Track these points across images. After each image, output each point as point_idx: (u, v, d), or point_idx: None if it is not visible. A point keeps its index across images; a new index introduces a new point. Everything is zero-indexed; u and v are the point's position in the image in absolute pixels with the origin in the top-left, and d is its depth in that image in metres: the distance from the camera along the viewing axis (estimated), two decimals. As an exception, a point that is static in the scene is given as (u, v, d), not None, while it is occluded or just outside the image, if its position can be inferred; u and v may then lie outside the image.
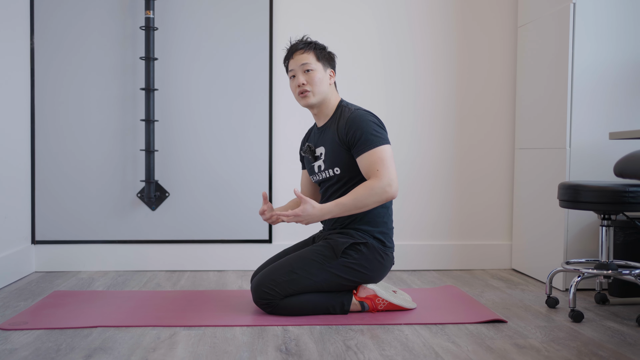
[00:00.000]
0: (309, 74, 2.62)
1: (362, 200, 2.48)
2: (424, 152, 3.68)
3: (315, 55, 2.64)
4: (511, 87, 3.71)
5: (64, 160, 3.53)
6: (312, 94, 2.63)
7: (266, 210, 2.62)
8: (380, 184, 2.47)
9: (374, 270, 2.60)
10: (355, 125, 2.54)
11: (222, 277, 3.40)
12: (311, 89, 2.62)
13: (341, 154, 2.60)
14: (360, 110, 2.60)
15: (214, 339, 2.26)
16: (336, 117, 2.65)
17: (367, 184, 2.49)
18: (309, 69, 2.62)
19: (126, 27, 3.54)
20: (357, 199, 2.48)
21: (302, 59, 2.63)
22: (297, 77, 2.64)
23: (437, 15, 3.67)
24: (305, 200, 2.48)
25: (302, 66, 2.62)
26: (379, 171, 2.48)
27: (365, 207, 2.50)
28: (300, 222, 2.50)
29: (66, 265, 3.54)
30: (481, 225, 3.73)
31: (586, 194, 2.55)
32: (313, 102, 2.65)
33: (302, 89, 2.63)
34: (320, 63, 2.64)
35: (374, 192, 2.47)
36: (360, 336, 2.29)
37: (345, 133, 2.57)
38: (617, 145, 3.06)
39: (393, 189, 2.49)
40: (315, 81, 2.62)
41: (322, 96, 2.65)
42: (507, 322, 2.49)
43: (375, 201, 2.49)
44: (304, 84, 2.62)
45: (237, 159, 3.60)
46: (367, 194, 2.47)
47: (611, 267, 2.61)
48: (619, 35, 3.08)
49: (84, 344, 2.18)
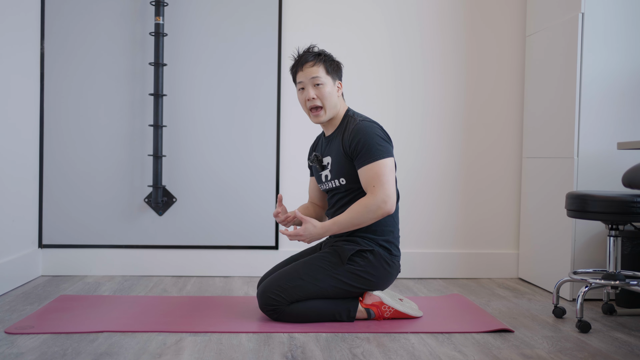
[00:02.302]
0: (319, 88, 2.62)
1: (358, 218, 2.51)
2: (432, 159, 3.68)
3: (325, 68, 2.63)
4: (519, 96, 3.71)
5: (72, 164, 3.55)
6: (324, 112, 2.63)
7: (280, 213, 2.65)
8: (375, 201, 2.49)
9: (380, 277, 2.60)
10: (358, 136, 2.54)
11: (228, 283, 3.40)
12: (322, 104, 2.62)
13: (346, 164, 2.60)
14: (365, 122, 2.59)
15: (220, 345, 2.26)
16: (342, 128, 2.65)
17: (362, 201, 2.51)
18: (319, 83, 2.61)
19: (136, 32, 3.55)
20: (353, 216, 2.52)
21: (312, 72, 2.62)
22: (306, 90, 2.63)
23: (446, 24, 3.67)
24: (306, 220, 2.54)
25: (312, 80, 2.61)
26: (374, 187, 2.50)
27: (362, 224, 2.53)
28: (302, 241, 2.55)
29: (73, 269, 3.54)
30: (488, 233, 3.72)
31: (594, 204, 2.54)
32: (324, 120, 2.66)
33: (313, 104, 2.62)
34: (330, 76, 2.63)
35: (368, 209, 2.50)
36: (366, 344, 2.29)
37: (349, 144, 2.57)
38: (625, 155, 3.05)
39: (388, 206, 2.50)
40: (325, 95, 2.62)
41: (333, 111, 2.65)
42: (513, 332, 2.48)
43: (371, 218, 2.51)
44: (314, 98, 2.62)
45: (245, 165, 3.60)
46: (362, 211, 2.50)
47: (619, 277, 2.60)
48: (627, 45, 3.08)
49: (90, 348, 2.18)
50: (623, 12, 3.07)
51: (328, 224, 2.55)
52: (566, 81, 3.16)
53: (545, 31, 3.41)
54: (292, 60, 2.72)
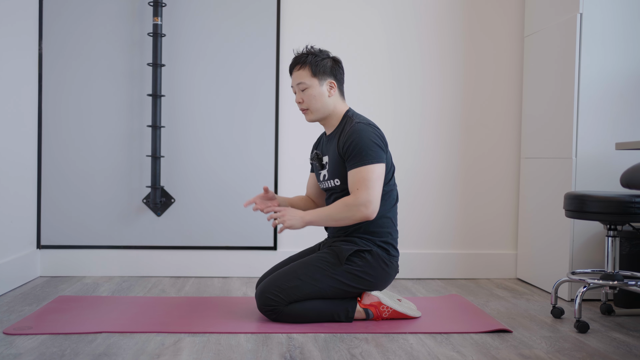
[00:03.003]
0: (304, 93, 2.64)
1: (336, 214, 2.52)
2: (430, 160, 3.68)
3: (310, 71, 2.62)
4: (517, 97, 3.71)
5: (70, 165, 3.54)
6: (310, 112, 2.67)
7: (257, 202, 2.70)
8: (356, 203, 2.48)
9: (378, 277, 2.60)
10: (351, 138, 2.54)
11: (226, 284, 3.40)
12: (308, 107, 2.65)
13: (340, 166, 2.60)
14: (361, 124, 2.57)
15: (219, 345, 2.25)
16: (340, 128, 2.65)
17: (344, 199, 2.52)
18: (304, 88, 2.63)
19: (134, 33, 3.55)
20: (332, 211, 2.53)
21: (298, 77, 2.64)
22: (296, 94, 2.68)
23: (444, 25, 3.68)
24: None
25: (298, 85, 2.65)
26: (358, 190, 2.49)
27: (339, 221, 2.53)
28: (282, 217, 2.51)
29: (71, 270, 3.54)
30: (486, 234, 3.72)
31: (592, 204, 2.54)
32: (313, 119, 2.70)
33: (301, 107, 2.68)
34: (317, 78, 2.62)
35: (347, 208, 2.49)
36: (364, 344, 2.29)
37: (342, 145, 2.57)
38: (623, 156, 3.05)
39: (369, 210, 2.48)
40: (310, 99, 2.63)
41: (321, 112, 2.66)
42: (512, 332, 2.48)
43: (348, 217, 2.50)
44: (300, 102, 2.66)
45: (243, 166, 3.60)
46: (341, 209, 2.51)
47: (617, 277, 2.60)
48: (625, 46, 3.08)
49: (88, 349, 2.18)
50: (621, 12, 3.07)
51: (310, 211, 2.57)
52: (564, 81, 3.17)
53: (544, 32, 3.41)
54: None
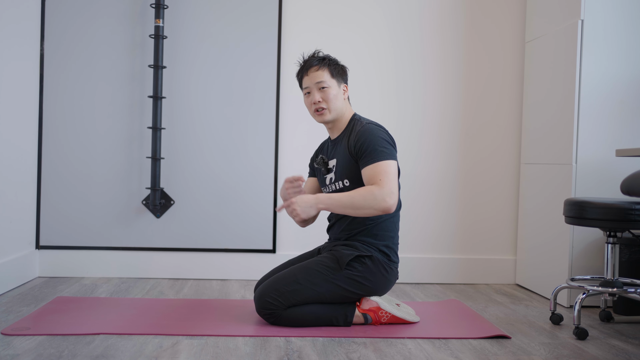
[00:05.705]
0: (324, 91, 2.64)
1: (359, 201, 2.45)
2: (430, 164, 3.68)
3: (329, 71, 2.65)
4: (518, 102, 3.71)
5: (70, 165, 3.54)
6: (328, 111, 2.65)
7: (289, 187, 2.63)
8: (382, 192, 2.44)
9: (378, 283, 2.59)
10: (363, 137, 2.55)
11: (225, 286, 3.39)
12: (327, 106, 2.64)
13: (351, 166, 2.61)
14: (371, 125, 2.61)
15: (216, 348, 2.25)
16: (348, 131, 2.67)
17: (369, 187, 2.47)
18: (324, 87, 2.64)
19: (135, 35, 3.55)
20: (355, 198, 2.45)
21: (317, 76, 2.64)
22: (312, 94, 2.66)
23: (446, 29, 3.68)
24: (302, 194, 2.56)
25: (317, 84, 2.64)
26: (381, 180, 2.46)
27: (359, 210, 2.46)
28: (294, 211, 2.48)
29: (70, 271, 3.54)
30: (485, 239, 3.72)
31: (592, 211, 2.54)
32: (329, 119, 2.68)
33: (318, 106, 2.65)
34: (335, 79, 2.66)
35: (373, 196, 2.43)
36: (363, 349, 2.28)
37: (354, 145, 2.58)
38: (623, 163, 3.05)
39: (392, 201, 2.45)
40: (330, 98, 2.64)
41: (337, 112, 2.67)
42: (510, 338, 2.48)
43: (371, 206, 2.44)
44: (319, 101, 2.64)
45: (243, 168, 3.60)
46: (365, 196, 2.44)
47: (616, 284, 2.60)
48: (627, 52, 3.08)
49: (86, 350, 2.18)
50: (623, 19, 3.07)
51: (323, 195, 2.51)
52: (565, 87, 3.17)
53: (545, 38, 3.41)
54: (298, 67, 2.74)
